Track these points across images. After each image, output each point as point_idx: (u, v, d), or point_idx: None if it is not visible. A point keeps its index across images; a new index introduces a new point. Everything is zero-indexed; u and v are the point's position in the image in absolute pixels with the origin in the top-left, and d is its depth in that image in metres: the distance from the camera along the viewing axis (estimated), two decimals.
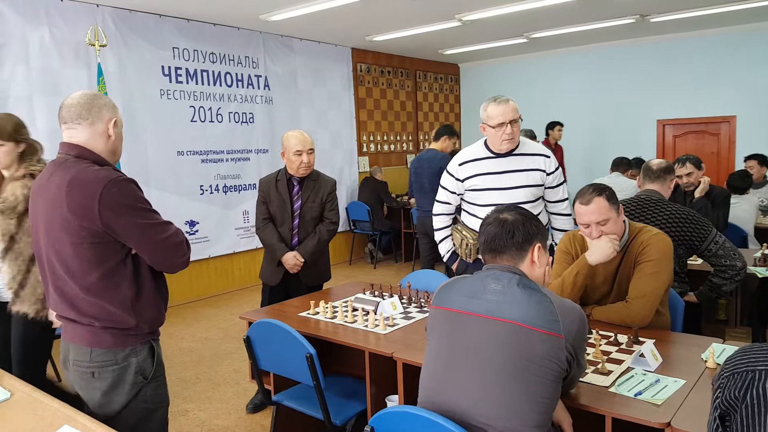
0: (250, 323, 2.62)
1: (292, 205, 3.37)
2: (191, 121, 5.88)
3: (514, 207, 1.70)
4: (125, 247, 1.74)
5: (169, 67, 5.69)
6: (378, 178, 7.56)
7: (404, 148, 8.78)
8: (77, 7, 4.98)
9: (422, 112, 9.08)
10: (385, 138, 8.43)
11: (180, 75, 5.78)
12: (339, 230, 7.51)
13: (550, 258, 1.72)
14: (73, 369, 1.82)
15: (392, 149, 8.56)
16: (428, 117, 9.22)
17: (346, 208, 7.65)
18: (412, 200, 6.18)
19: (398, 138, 8.66)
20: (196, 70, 5.91)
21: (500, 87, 8.89)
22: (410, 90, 8.82)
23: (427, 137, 9.21)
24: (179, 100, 5.78)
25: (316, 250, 3.35)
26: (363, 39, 7.19)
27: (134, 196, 1.73)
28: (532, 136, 5.91)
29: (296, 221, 3.37)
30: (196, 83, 5.92)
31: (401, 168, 8.69)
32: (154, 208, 1.80)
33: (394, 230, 7.49)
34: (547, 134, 7.30)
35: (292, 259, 3.30)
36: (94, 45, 5.05)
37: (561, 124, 7.32)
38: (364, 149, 8.09)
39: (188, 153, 5.88)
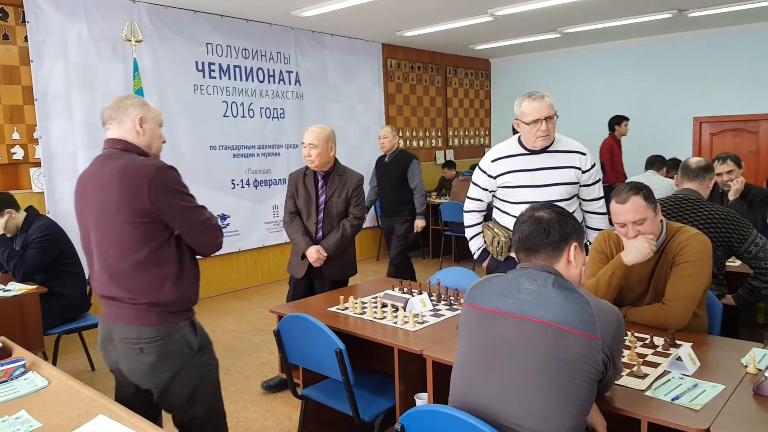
0: (280, 317, 2.64)
1: (317, 200, 3.41)
2: (223, 116, 5.95)
3: (550, 205, 1.67)
4: (169, 227, 1.94)
5: (203, 63, 5.76)
6: None
7: (433, 144, 8.73)
8: (114, 2, 5.07)
9: (452, 108, 9.02)
10: (414, 134, 8.40)
11: (213, 71, 5.85)
12: (366, 226, 7.66)
13: (587, 258, 1.69)
14: (121, 346, 1.97)
15: (421, 145, 8.52)
16: (458, 113, 9.15)
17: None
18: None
19: (427, 134, 8.61)
20: (229, 66, 5.98)
21: (532, 83, 8.76)
22: (440, 85, 8.76)
23: (456, 133, 9.15)
24: (212, 96, 5.85)
25: (340, 244, 3.36)
26: (394, 34, 7.17)
27: (177, 182, 1.95)
28: None
29: (320, 215, 3.41)
30: (229, 79, 5.98)
31: (430, 164, 8.65)
32: (192, 194, 2.00)
33: None
34: (613, 129, 6.97)
35: (314, 253, 3.33)
36: (130, 40, 5.14)
37: (627, 119, 6.95)
38: None
39: (220, 147, 5.95)
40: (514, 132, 3.08)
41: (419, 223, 5.36)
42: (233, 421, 3.23)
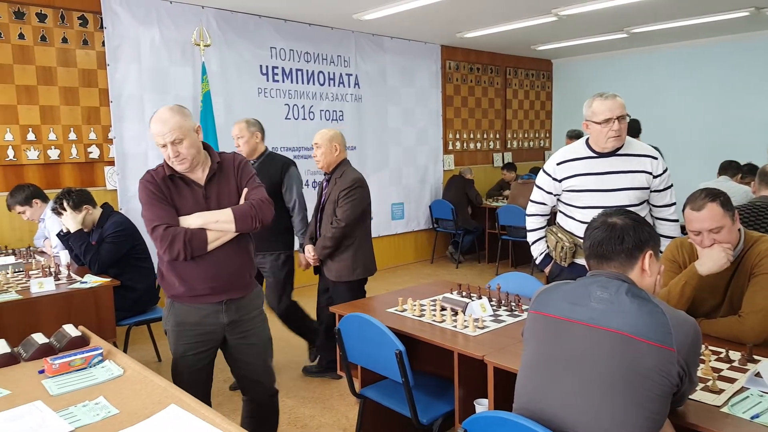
0: (340, 316, 2.67)
1: (320, 200, 3.63)
2: (285, 118, 6.08)
3: (624, 211, 1.62)
4: None
5: (267, 66, 5.91)
6: (468, 177, 7.48)
7: (491, 147, 8.63)
8: (184, 8, 5.28)
9: (511, 109, 8.88)
10: (472, 136, 8.32)
11: (276, 74, 5.99)
12: (421, 228, 7.66)
13: (662, 267, 1.62)
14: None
15: (478, 147, 8.44)
16: (517, 114, 9.01)
17: (430, 207, 7.64)
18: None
19: (485, 136, 8.52)
20: (291, 69, 6.11)
21: (596, 84, 8.52)
22: (499, 87, 8.65)
23: (515, 135, 9.01)
24: (275, 98, 5.99)
25: (322, 247, 3.49)
26: (453, 36, 7.13)
27: (251, 169, 2.38)
28: (578, 135, 5.60)
29: (320, 215, 3.59)
30: (291, 82, 6.11)
31: (487, 167, 8.56)
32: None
33: (478, 230, 7.39)
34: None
35: (306, 253, 3.63)
36: (199, 45, 5.33)
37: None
38: (450, 147, 8.03)
39: (282, 149, 6.08)
40: (575, 138, 3.00)
41: (306, 255, 3.66)
42: (291, 416, 3.30)
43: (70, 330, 2.16)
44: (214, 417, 1.53)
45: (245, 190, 2.30)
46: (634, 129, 5.25)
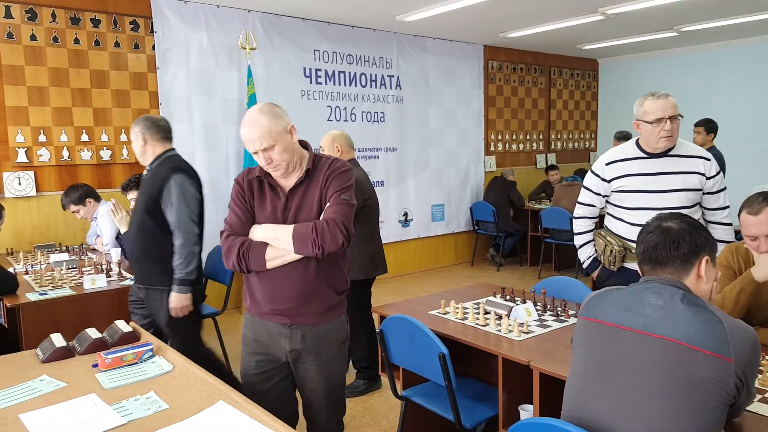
0: (382, 317, 2.67)
1: None
2: (327, 120, 6.13)
3: (679, 215, 1.56)
4: None
5: (310, 69, 5.98)
6: (510, 179, 7.39)
7: (534, 148, 8.50)
8: (231, 12, 5.38)
9: (555, 110, 8.73)
10: (514, 137, 8.22)
11: (319, 76, 6.06)
12: (461, 230, 7.59)
13: (719, 273, 1.56)
14: None
15: (521, 148, 8.32)
16: (562, 115, 8.85)
17: (470, 208, 7.57)
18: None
19: (528, 137, 8.40)
20: (334, 72, 6.16)
21: (644, 83, 8.29)
22: (543, 87, 8.51)
23: (559, 136, 8.85)
24: (318, 101, 6.05)
25: None
26: (497, 36, 7.06)
27: (344, 180, 2.05)
28: (626, 136, 5.43)
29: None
30: (334, 84, 6.17)
31: (530, 168, 8.43)
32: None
33: (520, 232, 7.29)
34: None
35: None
36: (245, 48, 5.44)
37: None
38: (492, 148, 7.94)
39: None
40: (623, 140, 2.92)
41: (175, 301, 2.72)
42: None
43: (122, 326, 2.23)
44: (261, 414, 1.55)
45: (327, 206, 1.98)
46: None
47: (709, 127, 5.38)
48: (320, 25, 6.00)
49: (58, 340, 2.08)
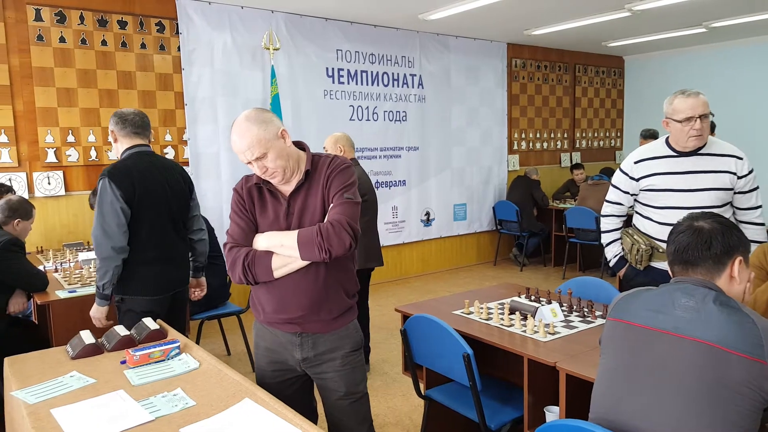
0: (405, 317, 2.66)
1: None
2: (350, 119, 6.15)
3: (711, 214, 1.53)
4: None
5: (333, 69, 5.99)
6: (534, 178, 7.32)
7: (558, 146, 8.41)
8: (255, 13, 5.43)
9: (580, 108, 8.62)
10: (538, 135, 8.14)
11: (342, 76, 6.07)
12: (484, 230, 7.55)
13: (752, 274, 1.52)
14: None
15: (545, 147, 8.24)
16: (587, 113, 8.74)
17: (493, 208, 7.53)
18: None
19: (552, 135, 8.31)
20: (356, 71, 6.17)
21: (671, 81, 8.15)
22: (568, 85, 8.41)
23: (584, 135, 8.74)
24: (340, 100, 6.07)
25: None
26: (520, 33, 7.00)
27: (346, 177, 1.98)
28: (653, 135, 5.30)
29: None
30: (356, 83, 6.18)
31: (554, 167, 8.34)
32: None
33: (544, 232, 7.22)
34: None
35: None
36: (268, 48, 5.48)
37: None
38: (515, 147, 7.88)
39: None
40: (649, 138, 2.87)
41: (92, 311, 2.69)
42: None
43: (149, 323, 2.26)
44: (286, 412, 1.55)
45: (330, 207, 1.88)
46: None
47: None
48: (343, 25, 6.01)
49: (87, 336, 2.12)
